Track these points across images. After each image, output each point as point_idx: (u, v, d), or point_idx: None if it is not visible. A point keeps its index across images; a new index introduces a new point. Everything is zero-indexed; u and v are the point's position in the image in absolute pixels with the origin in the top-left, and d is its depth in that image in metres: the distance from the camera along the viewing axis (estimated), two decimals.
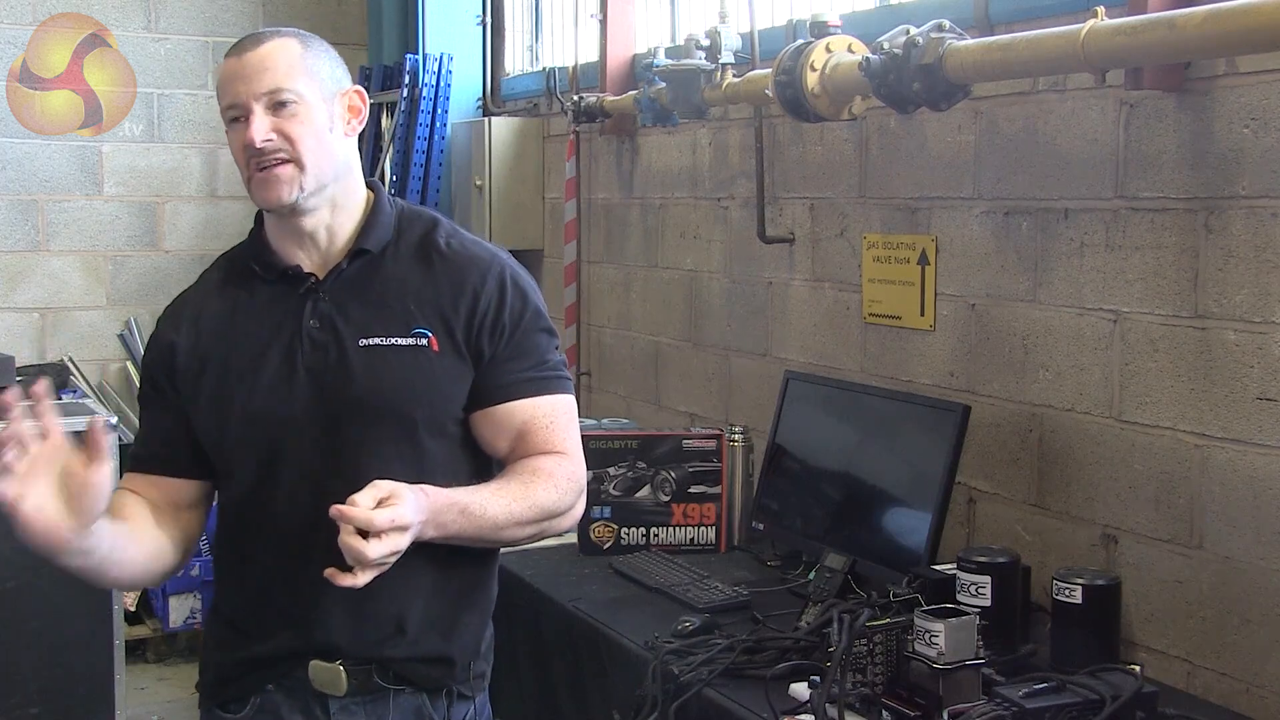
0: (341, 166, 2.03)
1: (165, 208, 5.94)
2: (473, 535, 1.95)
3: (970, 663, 2.20)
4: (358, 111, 2.06)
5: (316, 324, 2.00)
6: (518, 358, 2.04)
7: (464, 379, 2.02)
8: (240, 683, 2.06)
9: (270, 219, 2.06)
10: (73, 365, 5.67)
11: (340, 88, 2.03)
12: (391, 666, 2.03)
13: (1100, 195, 2.65)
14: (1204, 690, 2.47)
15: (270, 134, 1.94)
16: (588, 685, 2.84)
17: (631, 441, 3.41)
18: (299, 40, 2.00)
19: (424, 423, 2.00)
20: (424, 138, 5.41)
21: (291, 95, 1.95)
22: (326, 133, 1.99)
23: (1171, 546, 2.54)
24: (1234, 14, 2.09)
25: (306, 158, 1.96)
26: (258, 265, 2.06)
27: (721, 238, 3.91)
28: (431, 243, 2.07)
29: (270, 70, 1.94)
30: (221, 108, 1.99)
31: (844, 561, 2.85)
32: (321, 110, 1.98)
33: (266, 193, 1.97)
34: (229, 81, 1.97)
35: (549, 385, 2.07)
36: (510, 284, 2.05)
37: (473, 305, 2.02)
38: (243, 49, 1.97)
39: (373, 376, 1.98)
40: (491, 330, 2.02)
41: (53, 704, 3.77)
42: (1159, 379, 2.55)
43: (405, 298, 2.02)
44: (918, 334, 3.14)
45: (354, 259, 2.04)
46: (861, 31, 2.98)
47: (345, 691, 2.01)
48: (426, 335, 2.00)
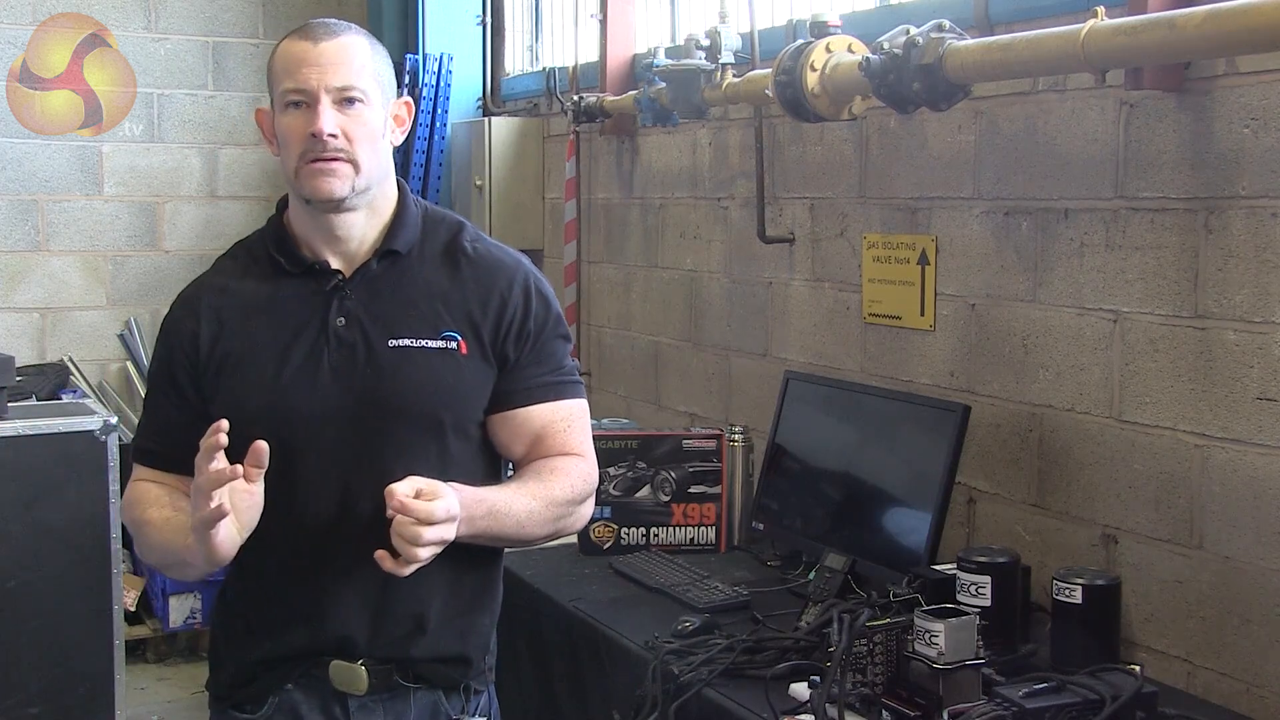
0: (385, 172, 2.04)
1: (165, 208, 5.94)
2: (496, 534, 1.98)
3: (970, 663, 2.20)
4: (402, 121, 2.07)
5: (343, 322, 2.00)
6: (538, 363, 2.06)
7: (488, 383, 2.04)
8: (259, 682, 2.06)
9: (300, 212, 2.04)
10: (73, 365, 5.67)
11: (394, 96, 2.05)
12: (411, 666, 2.04)
13: (1100, 195, 2.65)
14: (1204, 690, 2.47)
15: (336, 128, 1.93)
16: (588, 685, 2.84)
17: (631, 441, 3.41)
18: (369, 40, 2.01)
19: (451, 425, 2.01)
20: (424, 138, 5.41)
21: (360, 94, 1.95)
22: (380, 138, 2.00)
23: (1171, 546, 2.54)
24: (1234, 14, 2.09)
25: (363, 160, 1.96)
26: (282, 257, 2.04)
27: (721, 238, 3.91)
28: (458, 246, 2.08)
29: (346, 65, 1.94)
30: (280, 88, 1.96)
31: (844, 561, 2.85)
32: (380, 115, 1.99)
33: (319, 184, 1.94)
34: (297, 64, 1.94)
35: (566, 390, 2.10)
36: (535, 291, 2.08)
37: (500, 311, 2.04)
38: (315, 35, 1.96)
39: (403, 377, 1.98)
40: (517, 336, 2.04)
41: (53, 704, 3.77)
42: (1159, 379, 2.55)
43: (433, 300, 2.03)
44: (918, 334, 3.14)
45: (382, 259, 2.04)
46: (861, 31, 2.98)
47: (365, 690, 2.02)
48: (456, 338, 2.01)
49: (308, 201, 1.99)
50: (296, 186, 1.98)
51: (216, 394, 2.00)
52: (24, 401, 4.38)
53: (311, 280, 2.03)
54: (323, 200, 1.96)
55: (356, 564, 1.97)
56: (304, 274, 2.03)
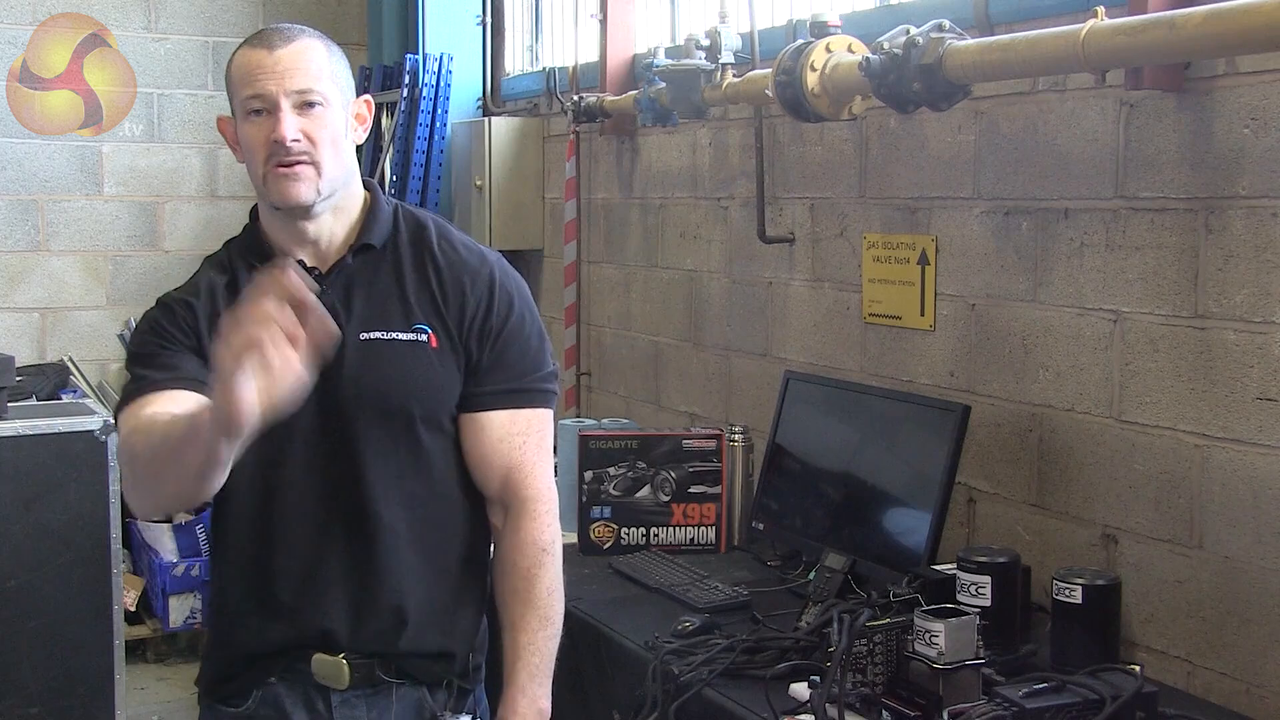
0: (349, 173, 2.05)
1: (165, 208, 5.94)
2: (552, 661, 2.10)
3: (970, 663, 2.20)
4: (364, 120, 2.08)
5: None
6: (500, 366, 2.07)
7: (458, 375, 2.05)
8: (243, 677, 2.07)
9: (271, 218, 2.06)
10: (73, 365, 5.66)
11: (353, 95, 2.06)
12: (394, 660, 2.05)
13: (1100, 195, 2.65)
14: (1204, 690, 2.47)
15: (298, 133, 1.94)
16: (587, 685, 2.84)
17: (631, 441, 3.41)
18: (324, 43, 2.02)
19: (421, 418, 2.03)
20: (424, 138, 5.40)
21: (320, 98, 1.96)
22: (343, 138, 2.01)
23: (1171, 546, 2.54)
24: (1234, 14, 2.09)
25: (326, 162, 1.97)
26: (260, 262, 2.04)
27: (721, 238, 3.91)
28: (426, 242, 2.09)
29: (303, 70, 1.95)
30: (240, 97, 1.97)
31: (844, 561, 2.85)
32: (340, 115, 2.01)
33: (286, 190, 1.96)
34: (254, 72, 1.95)
35: (526, 398, 2.10)
36: (500, 288, 2.09)
37: (461, 306, 2.06)
38: (271, 43, 1.97)
39: (368, 370, 2.00)
40: (480, 333, 2.06)
41: (53, 704, 3.78)
42: (1159, 379, 2.55)
43: (405, 293, 2.05)
44: (918, 334, 3.14)
45: (357, 254, 2.06)
46: (861, 31, 2.98)
47: (347, 685, 2.03)
48: (426, 331, 2.03)
49: (276, 207, 2.01)
50: (264, 193, 2.00)
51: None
52: (24, 401, 4.38)
53: None
54: (291, 205, 1.98)
55: (336, 557, 2.00)
56: None
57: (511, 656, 2.07)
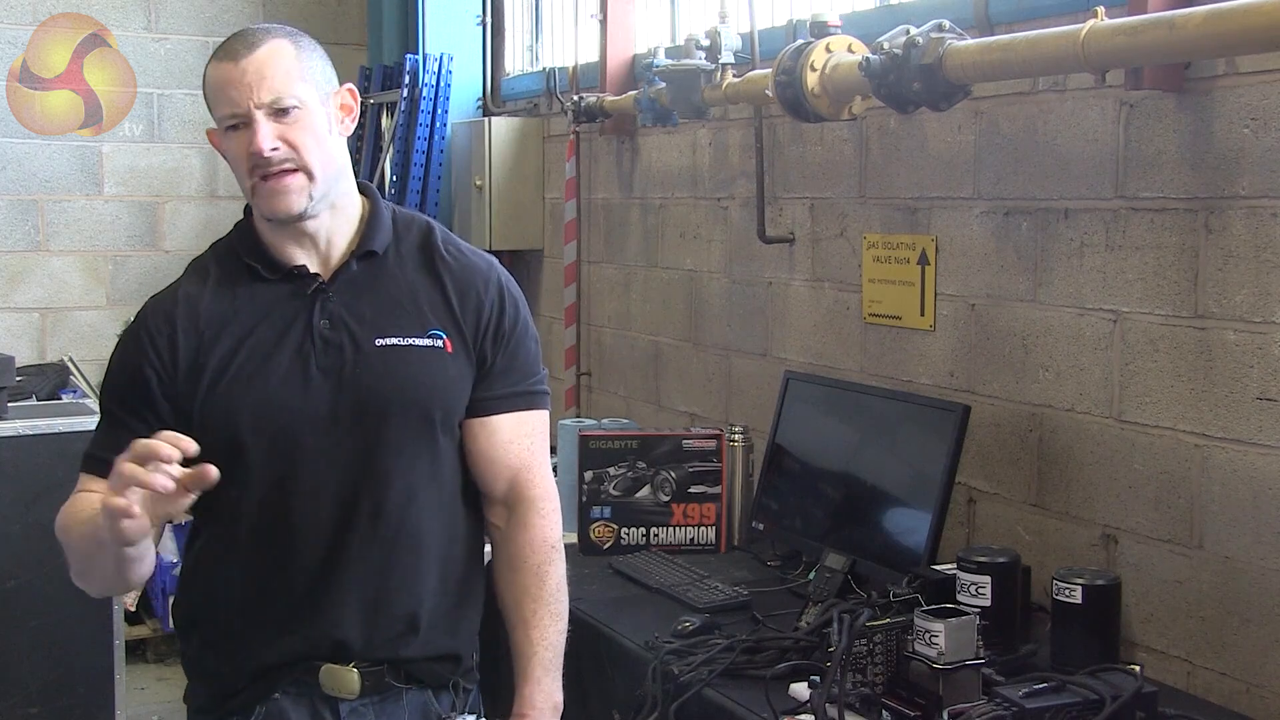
0: (340, 168, 2.03)
1: (165, 208, 5.94)
2: (561, 657, 2.13)
3: (970, 663, 2.20)
4: (350, 110, 2.05)
5: (327, 324, 1.99)
6: (511, 370, 2.08)
7: (470, 381, 2.05)
8: (244, 693, 2.02)
9: (268, 225, 2.03)
10: (73, 365, 5.66)
11: (333, 87, 2.02)
12: (404, 666, 2.04)
13: (1100, 195, 2.65)
14: (1204, 690, 2.47)
15: (276, 142, 1.91)
16: (587, 685, 2.84)
17: (631, 441, 3.41)
18: (291, 41, 1.97)
19: (440, 421, 2.03)
20: (424, 138, 5.40)
21: (294, 101, 1.93)
22: (327, 136, 1.98)
23: (1171, 546, 2.54)
24: (1234, 14, 2.09)
25: (314, 167, 1.95)
26: (258, 264, 2.03)
27: (721, 238, 3.91)
28: (433, 247, 2.08)
29: (270, 78, 1.91)
30: (217, 115, 1.95)
31: (844, 561, 2.85)
32: (320, 114, 1.97)
33: (276, 203, 1.94)
34: (224, 88, 1.92)
35: (534, 400, 2.12)
36: (507, 293, 2.10)
37: (477, 311, 2.05)
38: (235, 54, 1.92)
39: (395, 375, 1.99)
40: (494, 337, 2.06)
41: (53, 704, 3.78)
42: (1159, 379, 2.55)
43: (417, 299, 2.04)
44: (918, 334, 3.14)
45: (360, 260, 2.04)
46: (861, 31, 2.98)
47: (357, 694, 2.01)
48: (441, 336, 2.03)
49: (268, 219, 2.00)
50: (256, 206, 1.99)
51: (193, 405, 1.97)
52: (24, 401, 4.38)
53: (290, 284, 2.02)
54: (283, 217, 1.97)
55: (353, 565, 1.98)
56: (282, 279, 2.02)
57: (526, 652, 2.07)
